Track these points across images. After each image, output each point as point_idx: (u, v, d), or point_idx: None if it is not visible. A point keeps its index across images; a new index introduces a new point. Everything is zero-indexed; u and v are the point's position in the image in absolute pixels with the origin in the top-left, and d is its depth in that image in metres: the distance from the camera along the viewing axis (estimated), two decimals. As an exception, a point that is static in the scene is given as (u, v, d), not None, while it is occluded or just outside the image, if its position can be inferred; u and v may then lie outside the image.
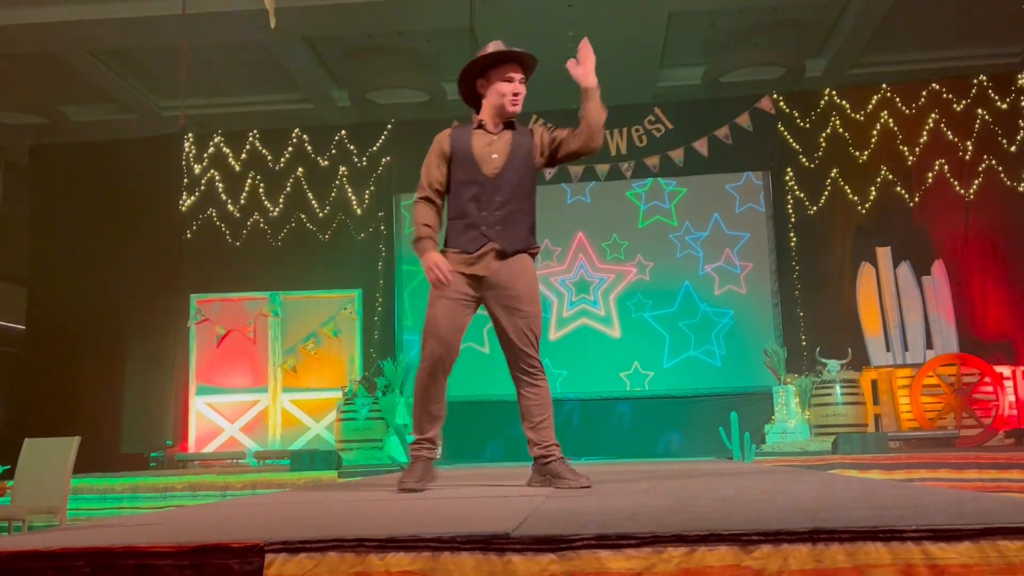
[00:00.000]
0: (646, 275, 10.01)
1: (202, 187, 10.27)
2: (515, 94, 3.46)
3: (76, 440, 5.57)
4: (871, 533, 1.55)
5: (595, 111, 3.39)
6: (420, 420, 3.51)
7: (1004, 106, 9.46)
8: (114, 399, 9.77)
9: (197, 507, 3.52)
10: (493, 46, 3.49)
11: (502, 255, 3.40)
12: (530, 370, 3.42)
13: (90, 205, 10.13)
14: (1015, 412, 8.41)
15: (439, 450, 3.59)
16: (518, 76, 3.48)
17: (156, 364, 9.85)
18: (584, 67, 3.38)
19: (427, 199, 3.52)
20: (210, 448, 9.34)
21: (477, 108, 3.58)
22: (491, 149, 3.45)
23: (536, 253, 3.54)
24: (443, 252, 3.44)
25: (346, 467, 7.46)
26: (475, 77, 3.54)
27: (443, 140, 3.56)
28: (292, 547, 1.66)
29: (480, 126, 3.52)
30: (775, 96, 9.85)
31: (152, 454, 9.16)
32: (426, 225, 3.45)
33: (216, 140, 10.37)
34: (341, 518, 2.25)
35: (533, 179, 3.54)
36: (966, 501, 2.11)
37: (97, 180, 10.13)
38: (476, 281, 3.41)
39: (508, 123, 3.52)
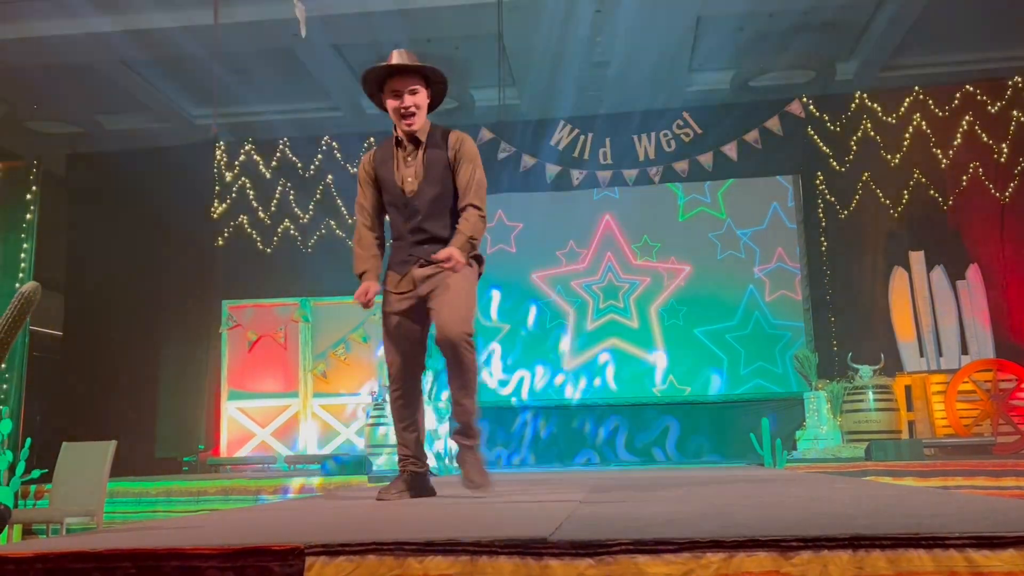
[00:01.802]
0: (682, 280, 9.96)
1: (233, 194, 10.40)
2: (404, 108, 3.38)
3: (112, 444, 5.67)
4: (913, 540, 1.54)
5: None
6: (398, 434, 3.49)
7: (1040, 107, 9.31)
8: (148, 404, 9.90)
9: (236, 511, 3.56)
10: (394, 56, 3.41)
11: (424, 264, 3.42)
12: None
13: (125, 213, 10.29)
14: (1053, 419, 8.25)
15: (430, 463, 3.56)
16: (406, 88, 3.38)
17: (189, 369, 9.97)
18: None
19: (365, 225, 3.60)
20: (242, 453, 9.43)
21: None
22: (406, 169, 3.44)
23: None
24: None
25: (376, 472, 7.50)
26: (376, 94, 3.50)
27: (365, 163, 3.57)
28: (332, 550, 1.68)
29: (398, 142, 3.48)
30: (805, 99, 9.77)
31: (185, 458, 9.27)
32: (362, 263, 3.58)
33: (247, 148, 10.50)
34: (379, 522, 2.27)
35: (453, 192, 3.47)
36: (1008, 508, 2.08)
37: (131, 188, 10.29)
38: (408, 295, 3.44)
39: (427, 133, 3.46)
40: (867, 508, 2.21)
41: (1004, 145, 9.34)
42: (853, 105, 9.72)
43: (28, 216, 9.50)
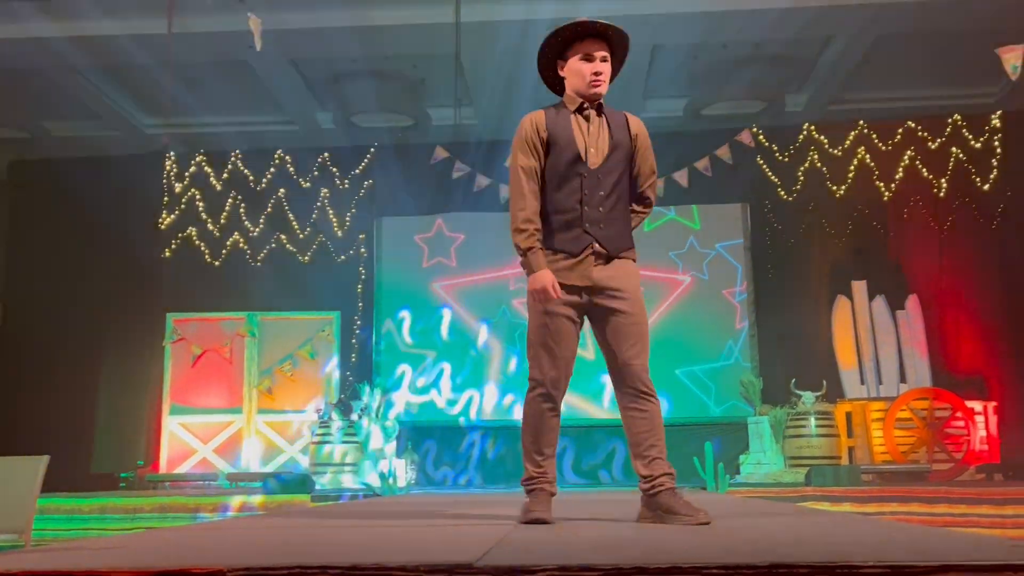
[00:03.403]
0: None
1: (182, 206, 10.24)
2: (596, 74, 3.06)
3: (45, 459, 5.49)
4: (828, 568, 1.56)
5: None
6: (532, 453, 3.07)
7: (978, 145, 9.64)
8: (86, 417, 9.66)
9: (167, 530, 3.49)
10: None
11: (604, 258, 3.03)
12: (639, 386, 2.99)
13: (68, 221, 10.08)
14: (986, 447, 8.48)
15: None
16: (599, 54, 3.08)
17: (130, 383, 9.76)
18: None
19: (532, 191, 3.05)
20: (182, 469, 9.24)
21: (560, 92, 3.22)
22: (590, 138, 3.08)
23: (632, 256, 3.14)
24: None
25: (319, 491, 7.40)
26: (555, 59, 3.17)
27: (537, 121, 3.10)
28: (255, 573, 1.65)
29: (579, 109, 3.13)
30: (755, 129, 9.98)
31: (122, 474, 9.04)
32: (537, 229, 3.01)
33: (198, 159, 10.37)
34: (308, 544, 2.24)
35: (630, 174, 3.19)
36: (928, 538, 2.13)
37: (76, 196, 10.09)
38: (577, 291, 3.01)
39: (599, 107, 3.15)
40: (793, 536, 2.25)
41: (943, 180, 9.65)
42: (801, 136, 9.97)
43: (-35, 221, 9.26)
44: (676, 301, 10.02)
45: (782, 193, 9.91)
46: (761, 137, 9.97)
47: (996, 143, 9.63)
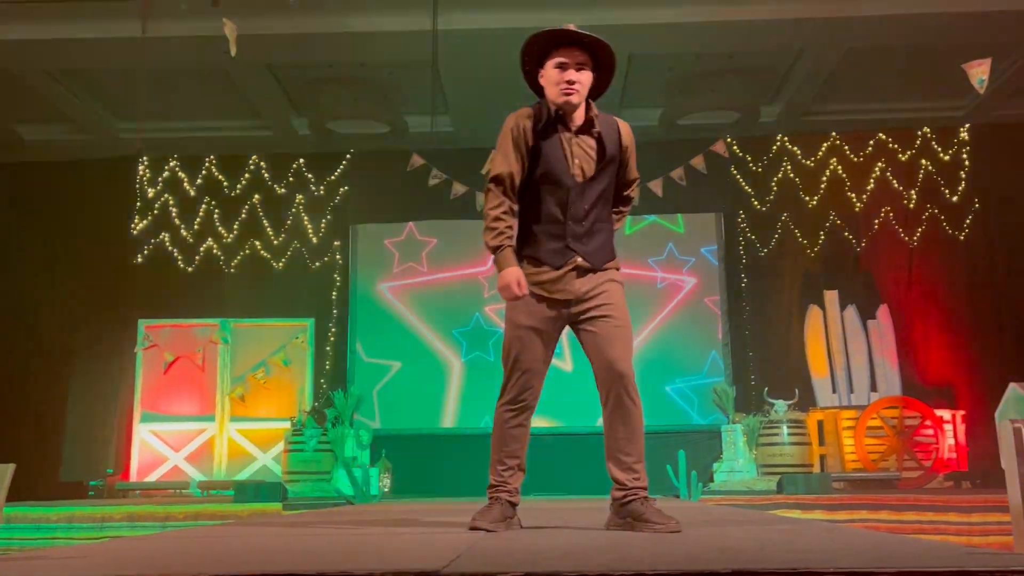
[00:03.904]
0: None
1: (155, 211, 10.15)
2: (569, 83, 2.98)
3: (11, 468, 5.41)
4: (792, 574, 1.59)
5: None
6: (495, 463, 3.10)
7: (946, 158, 9.80)
8: (55, 425, 9.52)
9: (131, 539, 3.45)
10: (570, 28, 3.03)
11: (587, 271, 3.02)
12: (623, 392, 2.93)
13: (38, 224, 9.96)
14: (954, 455, 8.60)
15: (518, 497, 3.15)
16: (575, 62, 3.00)
17: (100, 389, 9.63)
18: None
19: (505, 193, 3.04)
20: (153, 477, 9.14)
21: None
22: (578, 151, 3.03)
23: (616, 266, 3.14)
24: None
25: (292, 499, 7.35)
26: (534, 67, 3.10)
27: (525, 127, 3.04)
28: (218, 582, 1.64)
29: (563, 119, 3.04)
30: (729, 140, 10.08)
31: (91, 483, 8.92)
32: (508, 227, 3.01)
33: (172, 164, 10.29)
34: (276, 552, 2.24)
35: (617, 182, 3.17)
36: (888, 544, 2.17)
37: (48, 199, 9.98)
38: (559, 305, 3.02)
39: (589, 120, 3.06)
40: (760, 542, 2.27)
41: (913, 192, 9.80)
42: (775, 147, 10.08)
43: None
44: (678, 307, 10.05)
45: (756, 203, 10.01)
46: (735, 148, 10.06)
47: (964, 155, 9.80)
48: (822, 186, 9.93)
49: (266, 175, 10.26)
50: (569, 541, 2.40)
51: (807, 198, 9.93)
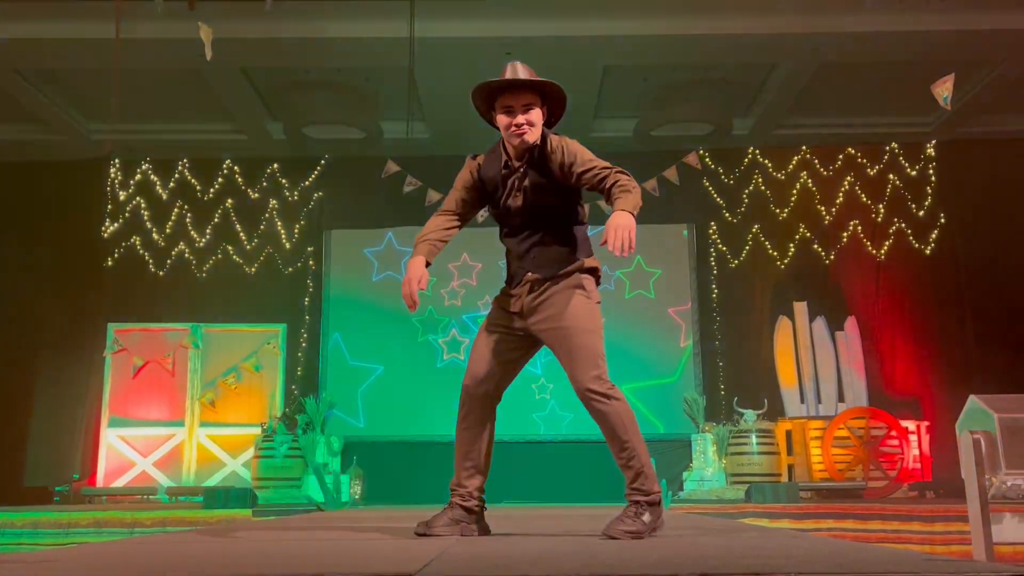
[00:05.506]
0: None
1: (126, 214, 10.05)
2: (517, 126, 3.14)
3: (-25, 471, 5.35)
4: (753, 580, 1.63)
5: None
6: (455, 466, 3.19)
7: (913, 173, 9.99)
8: (19, 429, 9.36)
9: (97, 545, 3.42)
10: (508, 70, 3.16)
11: (540, 283, 3.15)
12: (587, 394, 2.99)
13: (6, 226, 9.82)
14: (919, 465, 8.74)
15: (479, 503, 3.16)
16: (519, 104, 3.14)
17: (67, 393, 9.49)
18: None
19: (443, 213, 3.38)
20: (120, 483, 9.03)
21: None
22: (514, 181, 3.20)
23: (583, 270, 3.20)
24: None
25: (261, 505, 7.31)
26: (487, 114, 3.28)
27: (473, 165, 3.35)
28: (189, 586, 1.65)
29: (506, 163, 3.23)
30: (701, 152, 10.19)
31: (57, 488, 8.78)
32: (425, 240, 3.30)
33: (144, 167, 10.19)
34: (246, 556, 2.24)
35: (567, 198, 3.24)
36: (849, 552, 2.22)
37: (16, 201, 9.85)
38: (511, 317, 3.19)
39: (533, 149, 3.18)
40: (724, 549, 2.32)
41: (881, 206, 9.96)
42: (746, 160, 10.20)
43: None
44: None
45: (727, 215, 10.12)
46: (708, 160, 10.18)
47: (931, 171, 9.99)
48: (792, 199, 10.06)
49: (239, 180, 10.19)
50: (542, 547, 2.43)
51: (777, 211, 10.07)
